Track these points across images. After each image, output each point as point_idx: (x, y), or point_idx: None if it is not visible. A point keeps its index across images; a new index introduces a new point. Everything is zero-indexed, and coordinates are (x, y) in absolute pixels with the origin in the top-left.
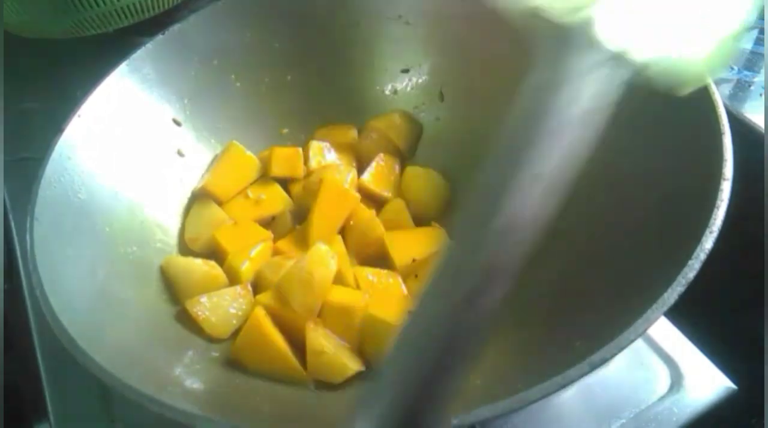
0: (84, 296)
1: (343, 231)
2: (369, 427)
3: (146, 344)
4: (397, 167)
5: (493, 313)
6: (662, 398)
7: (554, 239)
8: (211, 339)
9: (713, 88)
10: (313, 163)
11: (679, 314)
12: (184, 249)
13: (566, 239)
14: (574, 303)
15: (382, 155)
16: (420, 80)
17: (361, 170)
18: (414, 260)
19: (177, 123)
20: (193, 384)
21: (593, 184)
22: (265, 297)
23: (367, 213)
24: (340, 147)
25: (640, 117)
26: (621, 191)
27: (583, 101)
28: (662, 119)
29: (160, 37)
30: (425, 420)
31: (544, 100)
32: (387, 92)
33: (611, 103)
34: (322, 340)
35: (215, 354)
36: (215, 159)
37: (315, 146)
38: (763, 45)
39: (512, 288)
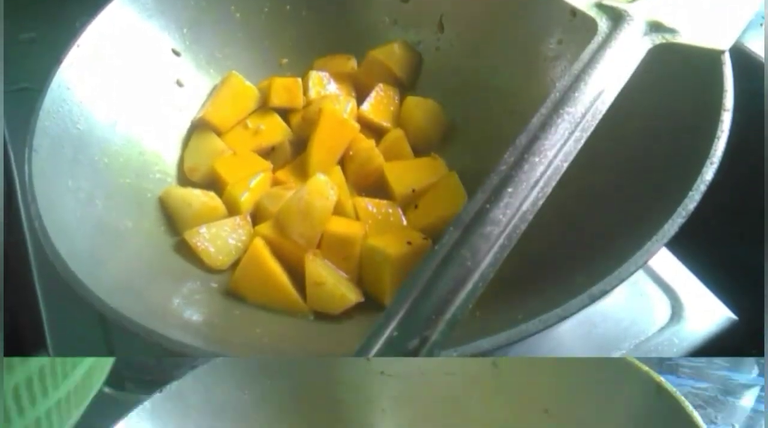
0: (82, 228)
1: (342, 162)
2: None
3: (145, 275)
4: (396, 98)
5: None
6: (662, 328)
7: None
8: (210, 270)
9: None
10: (312, 93)
11: (679, 245)
12: (183, 180)
13: (566, 172)
14: (574, 235)
15: (381, 85)
16: (420, 9)
17: (360, 100)
18: (413, 191)
19: (176, 53)
20: (192, 315)
21: None
22: (264, 228)
23: (367, 143)
24: (339, 77)
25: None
26: (620, 123)
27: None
28: (661, 50)
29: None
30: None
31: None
32: (387, 21)
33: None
34: (321, 271)
35: (214, 285)
36: (214, 89)
37: (314, 76)
38: None
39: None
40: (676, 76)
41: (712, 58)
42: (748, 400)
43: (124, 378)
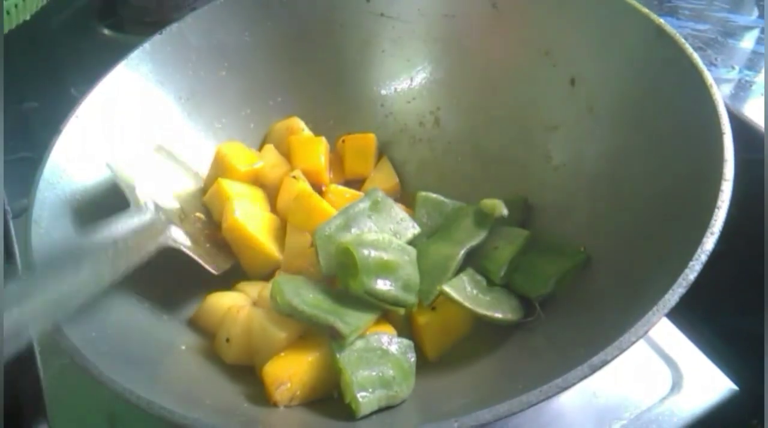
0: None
1: None
2: None
3: (146, 346)
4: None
5: None
6: (663, 399)
7: (556, 242)
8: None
9: (714, 87)
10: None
11: (679, 315)
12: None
13: (568, 241)
14: (575, 305)
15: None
16: (418, 96)
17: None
18: None
19: (173, 121)
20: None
21: (594, 186)
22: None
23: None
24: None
25: (640, 118)
26: (621, 193)
27: None
28: (662, 119)
29: (157, 36)
30: None
31: None
32: (381, 106)
33: None
34: None
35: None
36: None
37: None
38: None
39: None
40: (676, 146)
41: (713, 124)
42: (748, 42)
43: (123, 19)
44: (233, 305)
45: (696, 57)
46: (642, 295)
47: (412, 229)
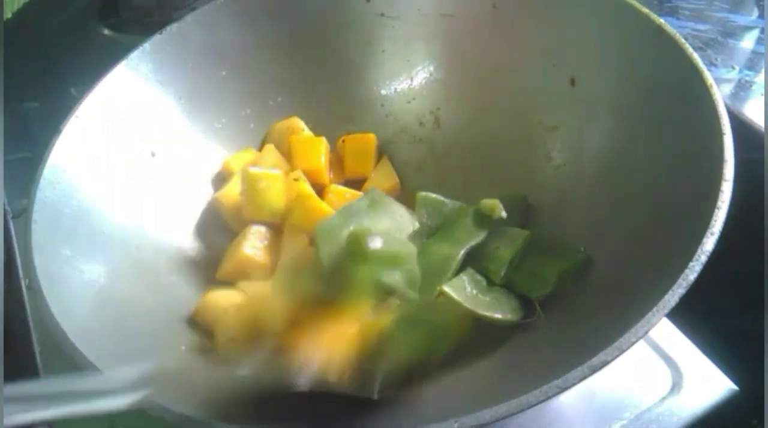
0: (83, 299)
1: None
2: None
3: (146, 346)
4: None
5: None
6: (663, 399)
7: (556, 242)
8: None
9: (714, 87)
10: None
11: (680, 315)
12: (183, 255)
13: (568, 241)
14: (575, 305)
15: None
16: (418, 96)
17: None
18: None
19: (174, 122)
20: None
21: (594, 186)
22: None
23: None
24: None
25: (640, 118)
26: (621, 193)
27: None
28: (662, 119)
29: (157, 36)
30: None
31: None
32: (381, 106)
33: None
34: None
35: (211, 353)
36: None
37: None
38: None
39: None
40: (676, 146)
41: (713, 125)
42: (748, 42)
43: (123, 19)
44: (232, 303)
45: (696, 57)
46: (642, 295)
47: (412, 225)
